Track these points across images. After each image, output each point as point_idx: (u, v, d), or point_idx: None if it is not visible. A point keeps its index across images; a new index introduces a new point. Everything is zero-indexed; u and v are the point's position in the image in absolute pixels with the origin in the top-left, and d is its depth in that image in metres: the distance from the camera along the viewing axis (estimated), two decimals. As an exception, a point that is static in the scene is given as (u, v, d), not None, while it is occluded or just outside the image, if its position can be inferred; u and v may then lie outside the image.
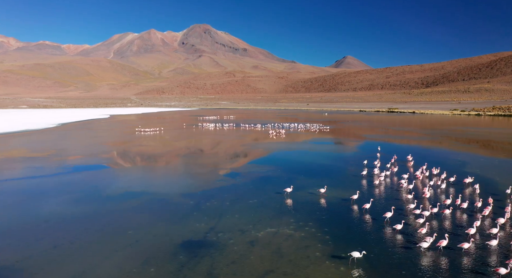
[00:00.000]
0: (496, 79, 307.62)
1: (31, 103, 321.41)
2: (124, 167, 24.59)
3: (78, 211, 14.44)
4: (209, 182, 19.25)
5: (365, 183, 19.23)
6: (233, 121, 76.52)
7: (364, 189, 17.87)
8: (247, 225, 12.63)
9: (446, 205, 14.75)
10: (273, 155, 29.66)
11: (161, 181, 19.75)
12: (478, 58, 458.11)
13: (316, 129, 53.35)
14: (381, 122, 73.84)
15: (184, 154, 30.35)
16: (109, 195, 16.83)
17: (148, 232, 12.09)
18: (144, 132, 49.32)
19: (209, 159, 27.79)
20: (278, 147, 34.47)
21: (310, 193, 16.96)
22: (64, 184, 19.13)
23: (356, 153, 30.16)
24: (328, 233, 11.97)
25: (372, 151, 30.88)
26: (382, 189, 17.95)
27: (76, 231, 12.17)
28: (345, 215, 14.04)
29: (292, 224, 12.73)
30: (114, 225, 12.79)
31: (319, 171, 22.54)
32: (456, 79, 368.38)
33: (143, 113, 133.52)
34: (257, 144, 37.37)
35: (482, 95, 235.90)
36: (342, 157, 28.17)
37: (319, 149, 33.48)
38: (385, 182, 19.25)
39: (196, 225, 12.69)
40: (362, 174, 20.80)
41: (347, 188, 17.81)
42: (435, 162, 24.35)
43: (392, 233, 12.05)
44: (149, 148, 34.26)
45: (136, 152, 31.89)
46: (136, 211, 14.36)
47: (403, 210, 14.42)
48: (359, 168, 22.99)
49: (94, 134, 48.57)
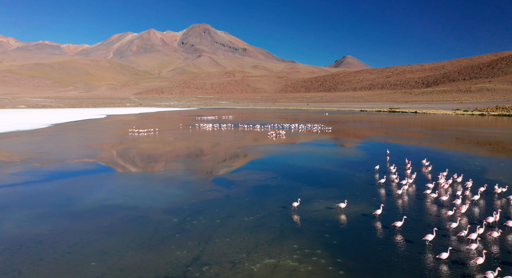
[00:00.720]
0: (497, 79, 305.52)
1: (29, 103, 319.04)
2: (106, 173, 22.04)
3: (36, 232, 11.91)
4: (199, 193, 16.72)
5: (383, 192, 16.63)
6: (232, 121, 74.07)
7: (386, 201, 15.19)
8: (239, 254, 10.09)
9: (490, 224, 12.11)
10: (272, 159, 27.11)
11: (145, 192, 17.20)
12: (479, 58, 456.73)
13: (318, 130, 50.90)
14: (384, 122, 71.39)
15: (175, 158, 27.81)
16: (80, 210, 14.29)
17: (115, 264, 9.56)
18: (137, 134, 46.87)
19: (201, 164, 25.24)
20: (278, 150, 31.97)
21: (318, 207, 14.35)
22: (32, 195, 16.59)
23: (364, 157, 27.65)
24: (343, 266, 9.35)
25: (380, 154, 28.42)
26: (409, 201, 15.25)
27: (24, 262, 9.63)
28: (365, 237, 11.28)
29: (295, 252, 10.17)
30: (74, 253, 10.27)
31: (325, 178, 20.00)
32: (457, 79, 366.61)
33: (140, 113, 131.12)
34: (256, 146, 34.88)
35: (484, 95, 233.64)
36: (349, 161, 25.63)
37: (323, 151, 30.96)
38: (408, 192, 16.60)
39: (177, 253, 10.17)
40: (380, 182, 18.19)
41: (363, 200, 15.25)
42: (452, 167, 21.85)
43: (436, 264, 9.33)
44: (139, 151, 31.76)
45: (123, 156, 29.39)
46: (107, 233, 11.82)
47: (442, 229, 11.72)
48: (371, 174, 20.52)
49: (84, 136, 46.09)
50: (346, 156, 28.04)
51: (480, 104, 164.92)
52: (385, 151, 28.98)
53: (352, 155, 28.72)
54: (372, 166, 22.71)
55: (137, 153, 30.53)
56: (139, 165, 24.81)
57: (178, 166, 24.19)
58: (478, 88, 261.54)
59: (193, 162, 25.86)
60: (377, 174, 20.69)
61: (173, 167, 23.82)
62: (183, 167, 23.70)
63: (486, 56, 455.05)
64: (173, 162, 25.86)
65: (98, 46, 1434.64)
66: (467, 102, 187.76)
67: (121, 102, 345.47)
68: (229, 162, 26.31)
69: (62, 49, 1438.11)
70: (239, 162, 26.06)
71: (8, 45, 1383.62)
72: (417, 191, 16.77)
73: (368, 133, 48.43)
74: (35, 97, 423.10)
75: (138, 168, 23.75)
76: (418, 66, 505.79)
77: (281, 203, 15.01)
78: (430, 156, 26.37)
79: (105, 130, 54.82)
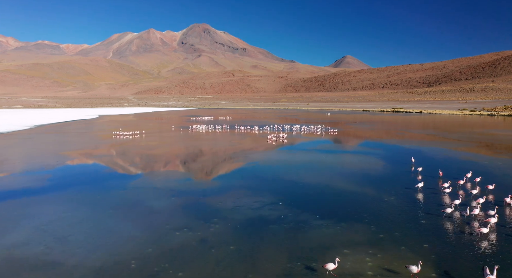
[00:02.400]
0: (501, 78, 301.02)
1: (26, 103, 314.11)
2: (49, 195, 16.47)
3: None
4: (162, 234, 11.41)
5: (454, 233, 11.07)
6: (229, 122, 68.96)
7: (473, 255, 9.72)
8: None
9: None
10: (271, 173, 21.53)
11: (84, 231, 11.91)
12: (480, 57, 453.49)
13: (322, 133, 45.76)
14: (392, 123, 66.25)
15: (148, 172, 22.29)
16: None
17: None
18: (121, 137, 41.71)
19: (179, 180, 19.72)
20: (278, 159, 26.69)
21: (351, 268, 9.01)
22: None
23: (385, 168, 22.36)
24: None
25: (403, 162, 23.26)
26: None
27: None
28: None
29: None
30: None
31: (344, 204, 14.55)
32: (459, 79, 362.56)
33: (135, 114, 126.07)
34: (251, 153, 29.64)
35: (488, 95, 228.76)
36: (369, 174, 20.32)
37: (333, 161, 25.60)
38: (498, 230, 11.25)
39: None
40: (445, 211, 12.71)
41: (423, 253, 9.84)
42: (500, 182, 16.75)
43: None
44: (109, 161, 26.46)
45: (87, 168, 24.16)
46: None
47: None
48: (408, 196, 15.19)
49: (62, 139, 40.92)
50: (363, 167, 22.74)
51: (485, 104, 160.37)
52: (408, 159, 23.85)
53: (370, 166, 23.32)
54: (400, 181, 17.55)
55: (105, 163, 25.26)
56: (98, 182, 19.24)
57: (147, 184, 18.73)
58: (482, 87, 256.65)
59: (169, 177, 20.44)
60: (420, 194, 15.51)
61: (140, 185, 18.37)
62: (154, 185, 18.27)
63: (487, 55, 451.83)
64: (143, 178, 20.41)
65: (98, 46, 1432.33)
66: (472, 102, 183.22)
67: (119, 102, 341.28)
68: (215, 177, 21.03)
69: (62, 49, 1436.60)
70: (228, 177, 20.79)
71: (7, 45, 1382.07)
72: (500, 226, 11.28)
73: (379, 136, 43.25)
74: (32, 97, 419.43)
75: (95, 187, 18.12)
76: (419, 66, 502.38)
77: (284, 256, 9.68)
78: (468, 167, 21.15)
79: (87, 133, 49.54)
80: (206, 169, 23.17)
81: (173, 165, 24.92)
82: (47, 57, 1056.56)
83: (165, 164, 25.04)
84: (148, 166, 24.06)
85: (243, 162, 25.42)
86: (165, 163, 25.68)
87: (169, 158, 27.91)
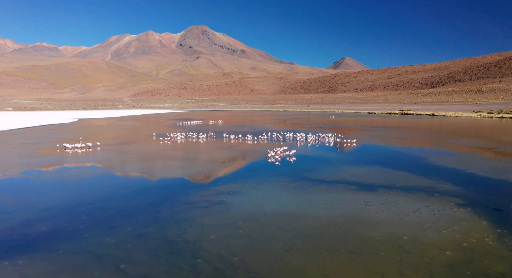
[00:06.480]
0: (508, 79, 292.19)
1: (18, 105, 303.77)
2: None
3: None
4: None
5: None
6: (219, 128, 58.38)
7: None
8: None
9: None
10: (272, 265, 10.50)
11: None
12: (483, 58, 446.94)
13: (337, 143, 35.19)
14: (415, 129, 55.66)
15: (32, 239, 11.67)
16: None
17: None
18: (69, 151, 30.78)
19: None
20: (285, 209, 14.05)
21: None
22: None
23: (483, 221, 11.71)
24: None
25: (496, 203, 12.66)
26: None
27: None
28: None
29: None
30: None
31: None
32: (463, 79, 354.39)
33: (121, 117, 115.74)
34: (236, 193, 17.43)
35: (498, 96, 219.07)
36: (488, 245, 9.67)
37: (381, 213, 13.41)
38: None
39: None
40: None
41: None
42: None
43: None
44: (14, 201, 15.65)
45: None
46: None
47: None
48: None
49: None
50: (458, 240, 11.88)
51: (497, 106, 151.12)
52: (498, 194, 13.32)
53: (459, 220, 12.51)
54: None
55: (3, 204, 14.50)
56: None
57: None
58: (490, 88, 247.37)
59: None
60: None
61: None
62: None
63: (490, 56, 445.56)
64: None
65: (96, 48, 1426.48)
66: (483, 104, 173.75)
67: (113, 104, 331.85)
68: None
69: (60, 51, 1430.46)
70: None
71: (5, 47, 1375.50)
72: None
73: (414, 146, 32.26)
74: (27, 99, 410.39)
75: None
76: (420, 67, 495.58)
77: None
78: None
79: (27, 145, 37.94)
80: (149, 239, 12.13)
81: (101, 219, 13.87)
82: (44, 59, 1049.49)
83: (90, 213, 14.02)
84: (48, 224, 13.01)
85: (216, 222, 14.22)
86: (92, 210, 14.68)
87: (103, 198, 16.93)
